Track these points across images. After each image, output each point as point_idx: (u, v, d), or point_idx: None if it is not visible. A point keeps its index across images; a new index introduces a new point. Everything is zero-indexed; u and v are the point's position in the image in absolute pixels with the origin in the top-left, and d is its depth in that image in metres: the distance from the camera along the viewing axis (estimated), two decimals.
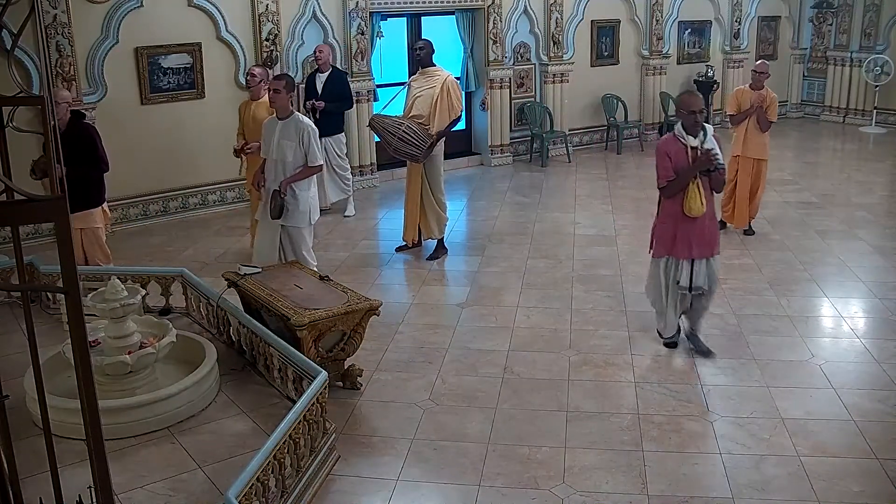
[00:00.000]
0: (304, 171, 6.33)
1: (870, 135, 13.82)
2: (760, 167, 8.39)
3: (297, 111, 6.58)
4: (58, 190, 2.13)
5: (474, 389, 5.33)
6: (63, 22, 8.36)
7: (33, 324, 2.54)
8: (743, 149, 8.33)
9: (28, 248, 7.28)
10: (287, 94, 6.29)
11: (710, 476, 4.36)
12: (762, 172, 8.42)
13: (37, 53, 8.14)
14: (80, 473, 3.82)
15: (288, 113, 6.34)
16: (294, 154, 6.28)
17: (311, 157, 6.29)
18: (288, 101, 6.34)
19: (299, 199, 6.35)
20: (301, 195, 6.36)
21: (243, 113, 7.84)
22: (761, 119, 8.15)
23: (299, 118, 6.35)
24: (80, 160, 6.29)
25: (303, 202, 6.37)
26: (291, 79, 6.54)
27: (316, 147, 6.30)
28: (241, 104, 8.01)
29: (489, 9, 11.37)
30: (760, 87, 8.23)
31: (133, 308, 4.99)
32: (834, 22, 14.72)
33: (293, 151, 6.27)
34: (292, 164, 6.29)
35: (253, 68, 7.95)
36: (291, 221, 6.40)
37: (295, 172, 6.30)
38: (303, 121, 6.33)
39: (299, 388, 4.73)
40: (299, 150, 6.28)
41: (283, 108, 6.34)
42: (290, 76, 6.66)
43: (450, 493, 4.27)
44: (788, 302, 6.73)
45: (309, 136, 6.25)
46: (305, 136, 6.25)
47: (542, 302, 6.81)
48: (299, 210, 6.38)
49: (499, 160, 11.92)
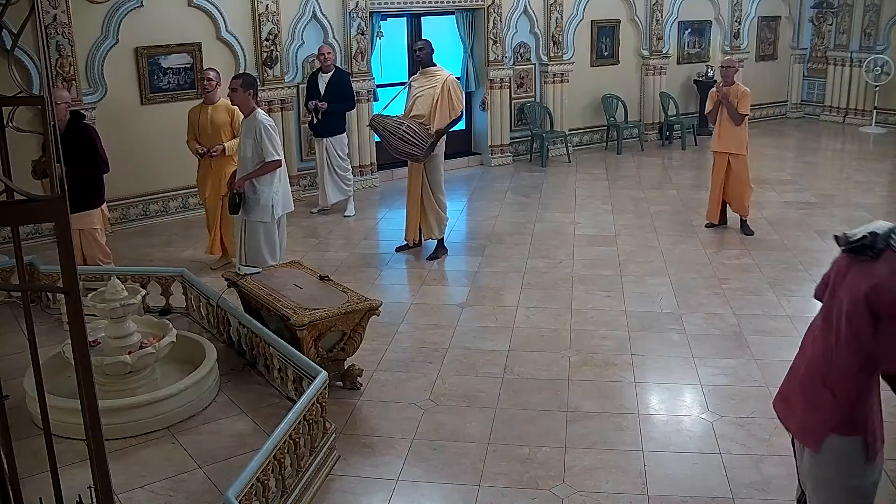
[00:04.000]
0: (262, 168, 6.39)
1: (870, 135, 13.82)
2: (737, 162, 8.44)
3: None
4: (58, 190, 2.13)
5: (474, 389, 5.33)
6: (63, 22, 8.36)
7: (33, 324, 2.54)
8: (716, 143, 8.50)
9: (28, 248, 7.28)
10: (244, 92, 6.33)
11: (710, 476, 4.36)
12: (741, 168, 8.45)
13: (37, 53, 8.14)
14: (80, 473, 3.82)
15: (250, 110, 6.41)
16: (253, 151, 6.36)
17: (265, 152, 6.34)
18: (248, 99, 6.37)
19: (260, 193, 6.42)
20: (262, 189, 6.42)
21: (196, 118, 7.60)
22: (732, 113, 8.26)
23: (257, 115, 6.40)
24: (79, 161, 6.28)
25: (264, 196, 6.43)
26: (249, 76, 6.61)
27: (269, 142, 6.33)
28: (193, 109, 7.74)
29: (489, 9, 11.37)
30: (731, 83, 8.37)
31: (133, 308, 5.00)
32: (834, 22, 14.72)
33: (252, 148, 6.36)
34: (252, 161, 6.39)
35: (208, 71, 7.65)
36: (252, 216, 6.49)
37: (254, 169, 6.37)
38: (258, 117, 6.38)
39: (299, 388, 4.73)
40: (257, 147, 6.34)
41: (244, 105, 6.43)
42: (249, 74, 6.71)
43: (450, 493, 4.27)
44: (788, 302, 6.73)
45: (262, 131, 6.30)
46: (259, 133, 6.31)
47: (542, 302, 6.81)
48: (260, 204, 6.44)
49: (499, 160, 11.92)
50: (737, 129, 8.33)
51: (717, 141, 8.49)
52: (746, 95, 8.30)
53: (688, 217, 9.19)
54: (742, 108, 8.25)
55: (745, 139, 8.42)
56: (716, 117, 8.44)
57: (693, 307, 6.64)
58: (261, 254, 6.50)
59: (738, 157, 8.41)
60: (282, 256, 6.69)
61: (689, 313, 6.51)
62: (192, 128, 7.68)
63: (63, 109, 6.33)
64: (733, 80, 8.40)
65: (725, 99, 8.27)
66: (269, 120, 6.49)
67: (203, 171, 7.68)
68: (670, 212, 9.48)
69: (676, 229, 8.78)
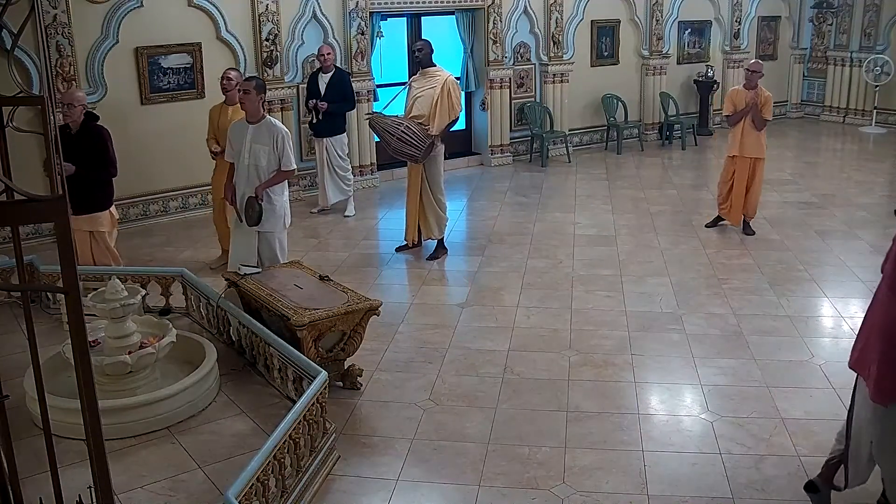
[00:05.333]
0: (278, 176, 6.21)
1: (870, 135, 13.82)
2: (757, 166, 8.42)
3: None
4: (58, 190, 2.13)
5: (474, 389, 5.33)
6: (63, 22, 8.36)
7: (33, 324, 2.54)
8: (740, 149, 8.36)
9: (28, 248, 7.28)
10: (258, 96, 6.13)
11: (710, 476, 4.36)
12: (759, 171, 8.45)
13: (37, 53, 8.13)
14: (80, 473, 3.82)
15: (259, 116, 6.18)
16: (268, 158, 6.14)
17: (286, 161, 6.17)
18: (259, 104, 6.17)
19: (275, 203, 6.26)
20: (277, 200, 6.27)
21: (217, 117, 7.55)
22: (756, 118, 8.20)
23: (271, 122, 6.23)
24: (91, 162, 6.28)
25: (278, 207, 6.28)
26: (262, 81, 6.44)
27: (290, 151, 6.18)
28: (214, 108, 7.72)
29: (489, 9, 11.37)
30: (754, 87, 8.28)
31: (133, 308, 5.00)
32: (834, 22, 14.72)
33: (266, 156, 6.13)
34: (266, 169, 6.16)
35: (229, 71, 7.59)
36: (268, 227, 6.27)
37: (270, 177, 6.18)
38: (275, 124, 6.21)
39: (299, 388, 4.73)
40: (273, 155, 6.13)
41: (253, 110, 6.16)
42: (261, 78, 6.54)
43: (450, 493, 4.27)
44: (788, 302, 6.73)
45: (283, 139, 6.13)
46: (280, 140, 6.12)
47: (542, 302, 6.81)
48: (275, 215, 6.28)
49: (499, 160, 11.92)
50: (759, 134, 8.28)
51: (740, 146, 8.33)
52: (769, 100, 8.25)
53: (688, 217, 9.19)
54: (766, 113, 8.20)
55: (765, 143, 8.43)
56: (738, 121, 8.31)
57: (693, 307, 6.64)
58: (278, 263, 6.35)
59: (760, 161, 8.40)
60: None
61: (689, 313, 6.51)
62: (213, 126, 7.61)
63: (79, 112, 6.29)
64: (756, 84, 8.29)
65: (755, 105, 8.16)
66: (284, 127, 6.31)
67: (220, 172, 7.57)
68: (670, 212, 9.49)
69: (676, 229, 8.78)
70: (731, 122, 8.43)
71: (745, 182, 8.41)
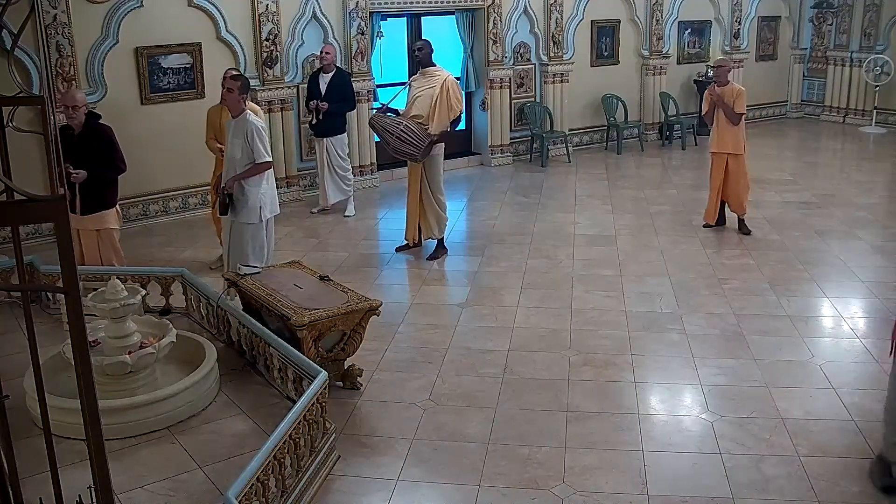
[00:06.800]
0: (253, 169, 6.36)
1: (870, 135, 13.82)
2: (735, 162, 8.44)
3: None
4: (58, 189, 2.13)
5: (474, 389, 5.33)
6: (63, 22, 8.36)
7: (33, 324, 2.54)
8: (716, 144, 8.47)
9: (28, 248, 7.28)
10: (239, 95, 6.33)
11: (710, 476, 4.36)
12: (740, 167, 8.46)
13: (37, 53, 8.14)
14: (80, 473, 3.82)
15: (239, 111, 6.38)
16: (242, 152, 6.33)
17: (257, 153, 6.31)
18: (239, 101, 6.36)
19: (248, 194, 6.39)
20: (250, 191, 6.39)
21: (216, 119, 7.57)
22: (728, 113, 8.25)
23: (247, 116, 6.38)
24: (97, 161, 6.28)
25: (252, 198, 6.39)
26: (247, 80, 6.62)
27: (260, 144, 6.31)
28: (212, 109, 7.76)
29: (489, 9, 11.37)
30: (725, 83, 8.36)
31: (133, 308, 5.00)
32: (834, 22, 14.72)
33: (241, 149, 6.33)
34: (240, 162, 6.35)
35: (230, 71, 7.58)
36: (241, 217, 6.44)
37: (244, 170, 6.34)
38: (249, 119, 6.36)
39: (299, 388, 4.73)
40: (246, 147, 6.32)
41: (235, 106, 6.38)
42: (248, 79, 6.70)
43: (450, 493, 4.27)
44: (788, 302, 6.73)
45: (253, 133, 6.28)
46: (250, 134, 6.28)
47: (542, 302, 6.81)
48: (248, 206, 6.40)
49: (499, 160, 11.93)
50: (734, 129, 8.33)
51: (716, 142, 8.49)
52: (741, 94, 8.31)
53: (688, 217, 9.19)
54: (738, 107, 8.25)
55: (743, 139, 8.43)
56: (712, 118, 8.44)
57: (693, 307, 6.64)
58: (246, 256, 6.41)
59: (737, 157, 8.42)
60: (269, 260, 6.62)
61: (689, 313, 6.51)
62: (212, 127, 7.66)
63: (81, 113, 6.32)
64: (727, 80, 8.40)
65: (720, 100, 8.28)
66: (260, 121, 6.49)
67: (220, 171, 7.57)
68: (670, 212, 9.49)
69: (676, 229, 8.78)
70: (706, 119, 8.62)
71: (721, 177, 8.48)
